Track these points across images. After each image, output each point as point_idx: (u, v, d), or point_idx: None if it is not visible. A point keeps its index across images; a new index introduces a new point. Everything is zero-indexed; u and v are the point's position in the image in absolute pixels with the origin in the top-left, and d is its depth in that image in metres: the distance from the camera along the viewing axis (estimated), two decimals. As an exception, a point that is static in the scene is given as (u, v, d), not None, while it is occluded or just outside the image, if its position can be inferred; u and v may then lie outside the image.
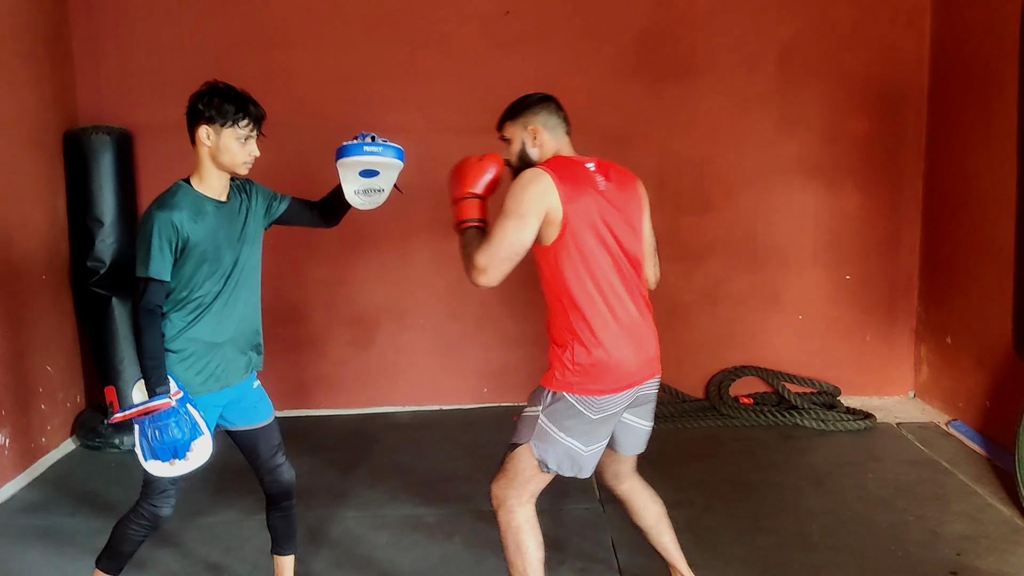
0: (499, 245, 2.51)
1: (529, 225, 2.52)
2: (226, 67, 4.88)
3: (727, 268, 5.42)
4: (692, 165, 5.33)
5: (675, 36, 5.25)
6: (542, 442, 2.64)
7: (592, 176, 2.64)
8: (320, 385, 5.47)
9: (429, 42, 5.22)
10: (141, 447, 2.62)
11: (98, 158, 4.80)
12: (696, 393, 5.47)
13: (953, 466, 4.36)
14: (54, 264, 4.83)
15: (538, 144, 2.70)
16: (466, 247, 2.60)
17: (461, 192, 2.68)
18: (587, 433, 2.63)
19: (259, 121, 2.70)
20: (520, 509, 2.70)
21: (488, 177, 2.69)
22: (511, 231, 2.51)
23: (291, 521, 3.04)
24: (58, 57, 4.97)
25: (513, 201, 2.53)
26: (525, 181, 2.55)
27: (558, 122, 2.73)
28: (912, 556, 3.44)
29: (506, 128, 2.76)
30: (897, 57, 5.27)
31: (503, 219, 2.53)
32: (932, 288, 5.29)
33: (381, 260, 5.35)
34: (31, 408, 4.56)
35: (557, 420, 2.62)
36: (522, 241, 2.52)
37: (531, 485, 2.70)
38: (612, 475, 2.97)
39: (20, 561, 3.57)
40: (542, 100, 2.74)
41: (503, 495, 2.71)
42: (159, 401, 2.56)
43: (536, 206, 2.52)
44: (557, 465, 2.65)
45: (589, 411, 2.61)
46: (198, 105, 2.64)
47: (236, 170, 2.70)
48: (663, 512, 3.02)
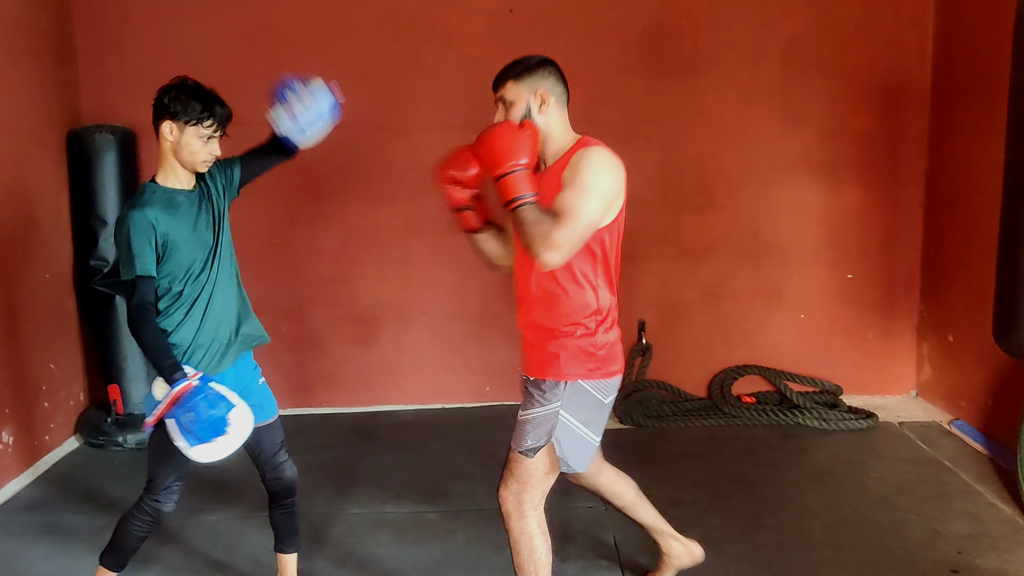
0: (580, 223, 2.38)
1: (611, 207, 2.47)
2: (229, 66, 4.90)
3: (729, 266, 5.42)
4: (695, 162, 5.33)
5: (678, 33, 5.25)
6: (565, 439, 2.58)
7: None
8: (322, 383, 5.48)
9: (433, 39, 5.22)
10: (183, 438, 2.59)
11: (102, 157, 4.81)
12: (698, 392, 5.47)
13: (955, 465, 4.36)
14: (57, 263, 4.84)
15: (545, 111, 2.54)
16: (534, 224, 2.36)
17: (508, 165, 2.39)
18: (598, 420, 2.63)
19: (224, 122, 2.69)
20: (534, 513, 2.63)
21: (533, 144, 2.46)
22: (595, 210, 2.41)
23: (293, 519, 3.06)
24: (61, 56, 4.98)
25: (597, 180, 2.42)
26: (611, 162, 2.46)
27: (563, 91, 2.61)
28: (913, 555, 3.45)
29: (508, 88, 2.56)
30: (900, 53, 5.27)
31: (586, 196, 2.39)
32: (934, 286, 5.29)
33: (384, 258, 5.35)
34: (34, 406, 4.57)
35: (576, 412, 2.58)
36: (597, 222, 2.45)
37: (542, 486, 2.64)
38: (593, 467, 2.90)
39: (24, 559, 3.58)
40: (548, 63, 2.60)
41: (517, 501, 2.61)
42: (181, 385, 2.55)
43: (618, 188, 2.47)
44: (576, 462, 2.62)
45: (602, 395, 2.60)
46: (164, 100, 2.64)
47: (196, 168, 2.70)
48: (637, 488, 3.03)
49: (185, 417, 2.55)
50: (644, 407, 5.16)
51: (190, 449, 2.60)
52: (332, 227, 5.32)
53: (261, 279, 4.87)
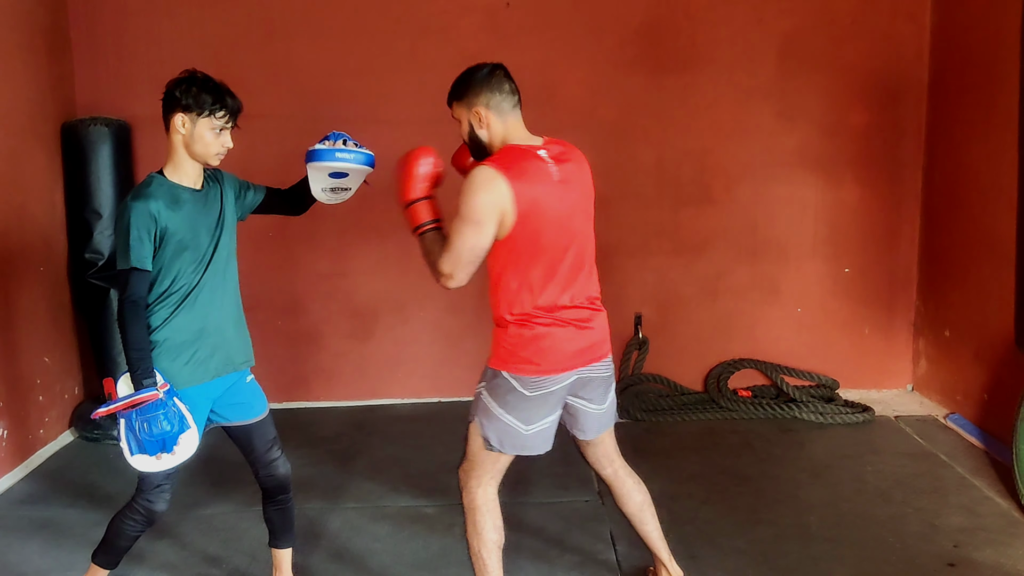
0: (460, 251, 2.54)
1: (486, 230, 2.53)
2: (226, 59, 4.89)
3: (726, 261, 5.42)
4: (692, 157, 5.33)
5: (675, 28, 5.24)
6: (485, 418, 2.69)
7: (545, 166, 2.60)
8: (320, 377, 5.47)
9: (429, 34, 5.20)
10: (127, 441, 2.60)
11: (96, 150, 4.79)
12: (695, 386, 5.47)
13: (951, 459, 4.36)
14: (52, 256, 4.82)
15: (484, 126, 2.66)
16: (428, 253, 2.64)
17: (406, 198, 2.70)
18: (525, 411, 2.65)
19: (235, 113, 2.69)
20: (479, 490, 2.74)
21: (424, 175, 2.69)
22: (469, 237, 2.52)
23: (288, 514, 3.05)
24: (56, 48, 4.96)
25: (468, 207, 2.52)
26: (477, 185, 2.52)
27: (503, 98, 2.65)
28: (910, 548, 3.45)
29: (454, 108, 2.73)
30: (897, 49, 5.26)
31: (461, 225, 2.53)
32: (931, 281, 5.29)
33: (381, 252, 5.34)
34: (29, 400, 4.56)
35: (496, 396, 2.66)
36: (482, 245, 2.55)
37: (487, 465, 2.72)
38: (594, 459, 2.98)
39: (18, 553, 3.57)
40: (486, 76, 2.66)
41: (464, 477, 2.77)
42: (147, 393, 2.55)
43: (492, 212, 2.51)
44: (499, 442, 2.68)
45: (525, 389, 2.63)
46: (175, 93, 2.63)
47: (208, 160, 2.69)
48: (648, 501, 3.01)
49: (138, 424, 2.56)
50: (640, 401, 5.16)
51: (130, 456, 2.61)
52: (329, 221, 5.30)
53: (258, 273, 4.87)
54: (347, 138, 2.88)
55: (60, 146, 4.87)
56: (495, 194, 2.50)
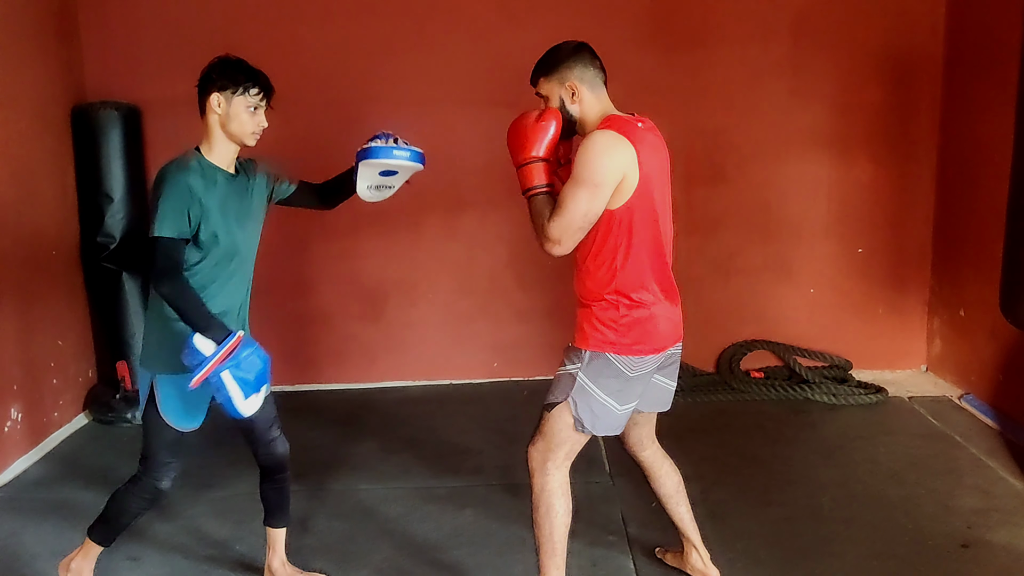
0: (573, 215, 2.45)
1: (603, 194, 2.46)
2: (234, 41, 4.82)
3: (739, 240, 5.39)
4: (704, 136, 5.28)
5: (688, 5, 5.20)
6: (581, 400, 2.61)
7: (647, 136, 2.58)
8: (330, 359, 5.48)
9: (438, 13, 5.17)
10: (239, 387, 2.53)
11: (107, 133, 4.80)
12: (707, 367, 5.45)
13: (965, 440, 4.34)
14: (64, 240, 4.83)
15: (578, 101, 2.60)
16: (537, 216, 2.53)
17: (524, 157, 2.57)
18: (622, 391, 2.62)
19: (269, 93, 2.71)
20: (556, 472, 2.69)
21: (549, 137, 2.56)
22: (584, 201, 2.45)
23: (284, 493, 3.07)
24: (65, 32, 4.95)
25: (587, 169, 2.44)
26: (601, 147, 2.46)
27: (595, 73, 2.63)
28: (923, 529, 3.44)
29: (541, 84, 2.64)
30: (912, 25, 5.20)
31: (576, 187, 2.45)
32: (945, 260, 5.25)
33: (391, 234, 5.33)
34: (43, 383, 4.58)
35: (595, 378, 2.60)
36: (595, 211, 2.47)
37: (567, 446, 2.68)
38: (635, 440, 2.97)
39: (33, 534, 3.60)
40: (576, 51, 2.62)
41: (541, 458, 2.69)
42: (233, 339, 2.52)
43: (613, 175, 2.45)
44: (592, 424, 2.63)
45: (628, 370, 2.60)
46: (211, 74, 2.66)
47: (244, 140, 2.70)
48: (681, 483, 3.03)
49: (240, 370, 2.52)
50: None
51: (244, 401, 2.56)
52: (341, 204, 5.30)
53: (269, 255, 4.82)
54: (396, 137, 2.86)
55: (70, 130, 4.88)
56: (618, 157, 2.45)
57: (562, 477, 2.71)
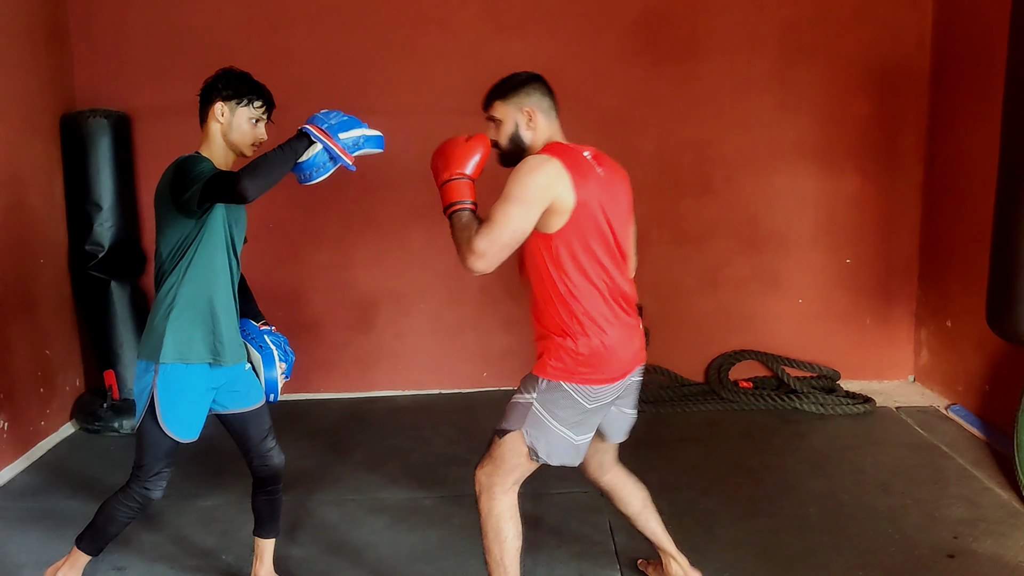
0: (502, 230, 2.42)
1: (533, 212, 2.45)
2: (226, 50, 4.88)
3: (727, 251, 5.41)
4: (692, 148, 5.31)
5: (676, 18, 5.23)
6: (535, 429, 2.59)
7: (591, 165, 2.57)
8: (320, 368, 5.47)
9: (428, 24, 5.19)
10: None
11: (96, 142, 4.79)
12: (696, 377, 5.47)
13: (952, 450, 4.35)
14: (52, 248, 4.82)
15: (533, 127, 2.61)
16: (462, 230, 2.49)
17: (450, 173, 2.55)
18: (580, 423, 2.60)
19: (271, 107, 2.78)
20: (504, 497, 2.65)
21: (477, 158, 2.56)
22: (515, 217, 2.43)
23: (276, 504, 3.06)
24: (55, 39, 4.95)
25: (519, 187, 2.44)
26: (533, 167, 2.47)
27: (550, 104, 2.65)
28: (909, 539, 3.45)
29: (496, 108, 2.65)
30: (899, 38, 5.24)
31: (507, 204, 2.44)
32: (932, 271, 5.28)
33: (381, 244, 5.34)
34: (30, 392, 4.57)
35: (551, 409, 2.57)
36: (524, 228, 2.46)
37: (516, 473, 2.65)
38: (596, 466, 2.94)
39: (19, 543, 3.58)
40: (534, 79, 2.65)
41: (488, 481, 2.65)
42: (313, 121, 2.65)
43: (543, 194, 2.45)
44: (547, 454, 2.60)
45: (585, 400, 2.58)
46: (217, 84, 2.72)
47: (243, 150, 2.75)
48: (647, 498, 3.00)
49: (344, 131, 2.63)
50: (641, 392, 5.08)
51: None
52: (330, 212, 5.30)
53: (259, 264, 4.85)
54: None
55: (59, 138, 4.87)
56: (550, 177, 2.45)
57: (510, 501, 2.67)
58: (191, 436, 2.76)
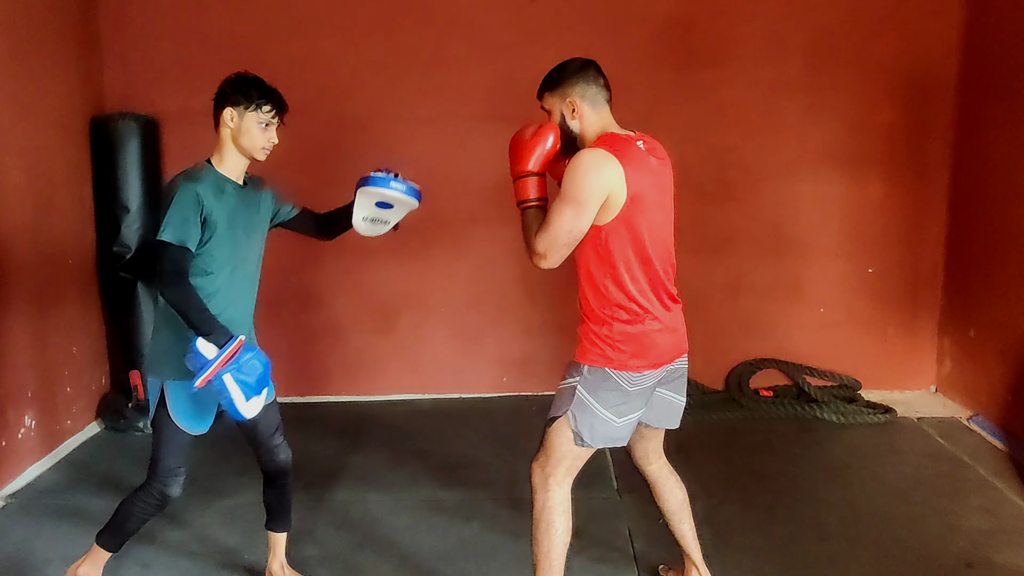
0: (558, 232, 2.50)
1: (588, 212, 2.50)
2: (252, 55, 4.92)
3: (749, 259, 5.40)
4: (717, 154, 5.31)
5: (702, 24, 5.23)
6: (579, 412, 2.64)
7: (645, 155, 2.61)
8: (342, 371, 5.51)
9: (455, 30, 5.23)
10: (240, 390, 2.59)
11: (125, 144, 4.86)
12: (716, 385, 5.46)
13: (972, 460, 4.33)
14: (80, 249, 4.89)
15: (577, 117, 2.63)
16: (527, 229, 2.61)
17: (517, 171, 2.65)
18: (622, 405, 2.64)
19: (281, 111, 2.77)
20: (558, 489, 2.70)
21: (543, 151, 2.62)
22: (569, 218, 2.49)
23: (285, 497, 3.12)
24: (85, 43, 5.03)
25: (573, 187, 2.48)
26: (588, 166, 2.49)
27: (597, 91, 2.65)
28: (928, 549, 3.44)
29: (545, 99, 2.69)
30: (926, 46, 5.22)
31: (562, 205, 2.49)
32: (956, 280, 5.25)
33: (403, 249, 5.36)
34: (56, 390, 4.63)
35: (594, 392, 2.62)
36: (580, 228, 2.51)
37: (567, 461, 2.69)
38: (642, 454, 2.99)
39: (45, 540, 3.64)
40: (580, 68, 2.65)
41: (543, 473, 2.71)
42: (235, 342, 2.57)
43: (598, 194, 2.48)
44: (591, 437, 2.65)
45: (626, 384, 2.62)
46: (226, 89, 2.74)
47: (254, 154, 2.77)
48: (686, 501, 3.04)
49: (241, 373, 2.58)
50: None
51: (245, 404, 2.62)
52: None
53: (282, 268, 4.91)
54: (396, 173, 2.90)
55: (89, 140, 4.94)
56: (604, 176, 2.48)
57: (563, 494, 2.72)
58: (202, 429, 2.82)
